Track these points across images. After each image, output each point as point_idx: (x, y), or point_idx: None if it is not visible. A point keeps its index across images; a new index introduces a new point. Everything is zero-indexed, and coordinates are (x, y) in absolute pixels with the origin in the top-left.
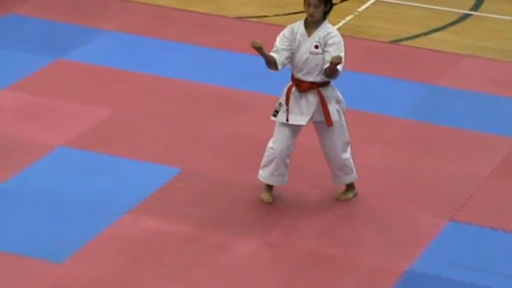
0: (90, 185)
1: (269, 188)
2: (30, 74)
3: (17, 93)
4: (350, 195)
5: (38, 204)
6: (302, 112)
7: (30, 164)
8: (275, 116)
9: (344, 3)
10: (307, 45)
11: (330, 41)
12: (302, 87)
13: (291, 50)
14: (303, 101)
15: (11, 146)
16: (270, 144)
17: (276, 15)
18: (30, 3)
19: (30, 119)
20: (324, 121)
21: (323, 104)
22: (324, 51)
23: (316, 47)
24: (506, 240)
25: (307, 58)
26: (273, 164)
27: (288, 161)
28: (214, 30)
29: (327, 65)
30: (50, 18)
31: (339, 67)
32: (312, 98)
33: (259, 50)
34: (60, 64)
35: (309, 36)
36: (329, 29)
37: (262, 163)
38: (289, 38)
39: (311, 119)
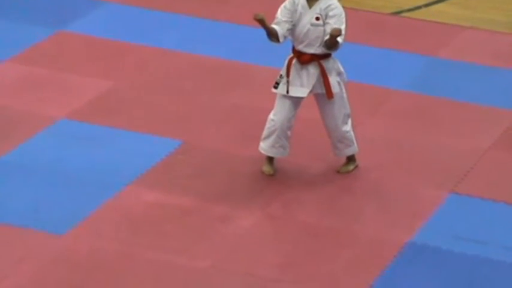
0: (92, 157)
1: (270, 160)
2: (31, 46)
3: (18, 65)
4: (351, 167)
5: (39, 177)
6: (302, 84)
7: (32, 136)
8: (276, 87)
9: None
10: (308, 17)
11: (331, 13)
12: (303, 59)
13: (292, 21)
14: (304, 73)
15: (12, 118)
16: (271, 116)
17: None
18: None
19: (32, 91)
20: (324, 93)
21: (324, 76)
22: (324, 23)
23: (317, 18)
24: (507, 212)
25: (308, 30)
26: (274, 136)
27: (289, 133)
28: (216, 2)
29: (327, 37)
30: None
31: (339, 39)
32: (313, 70)
33: (261, 22)
34: (62, 36)
35: (310, 7)
36: (330, 1)
37: (263, 135)
38: (291, 10)
39: (311, 91)
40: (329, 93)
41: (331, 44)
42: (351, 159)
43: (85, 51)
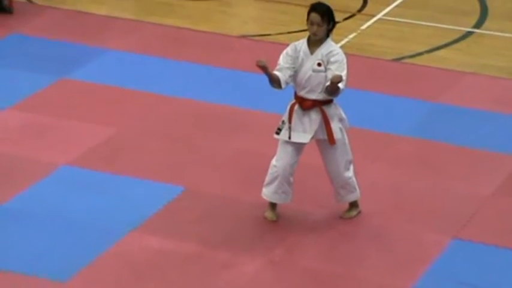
0: (94, 203)
1: (273, 206)
2: (33, 93)
3: (20, 112)
4: (353, 213)
5: (41, 223)
6: (305, 130)
7: (34, 183)
8: (278, 133)
9: (347, 21)
10: (309, 63)
11: (332, 59)
12: (305, 105)
13: (294, 68)
14: (306, 119)
15: (15, 165)
16: (273, 162)
17: (279, 33)
18: (33, 22)
19: (34, 138)
20: (326, 139)
21: (326, 122)
22: (326, 69)
23: (319, 64)
24: (510, 258)
25: (310, 76)
26: (277, 182)
27: (291, 179)
28: (218, 48)
29: (328, 83)
30: (53, 37)
31: (340, 85)
32: (315, 116)
33: (264, 68)
34: (64, 83)
35: (311, 54)
36: (332, 47)
37: (266, 181)
38: (293, 56)
39: (313, 137)
40: (331, 139)
41: (332, 90)
42: (353, 205)
43: (87, 98)
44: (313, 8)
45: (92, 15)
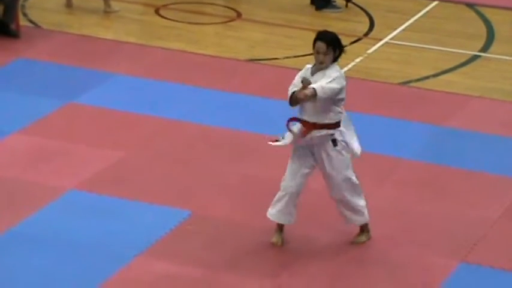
0: (101, 228)
1: (279, 230)
2: (41, 118)
3: (28, 136)
4: (363, 238)
5: (48, 248)
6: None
7: (42, 208)
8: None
9: (353, 45)
10: None
11: (327, 73)
12: (306, 126)
13: None
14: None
15: (23, 189)
16: (282, 182)
17: (287, 57)
18: (40, 47)
19: (41, 162)
20: (325, 163)
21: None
22: None
23: None
24: None
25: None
26: (283, 202)
27: (296, 200)
28: (225, 72)
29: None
30: (59, 62)
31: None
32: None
33: (307, 84)
34: (71, 107)
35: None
36: (329, 70)
37: (273, 201)
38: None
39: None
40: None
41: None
42: (364, 230)
43: (94, 122)
44: (319, 36)
45: (98, 39)
